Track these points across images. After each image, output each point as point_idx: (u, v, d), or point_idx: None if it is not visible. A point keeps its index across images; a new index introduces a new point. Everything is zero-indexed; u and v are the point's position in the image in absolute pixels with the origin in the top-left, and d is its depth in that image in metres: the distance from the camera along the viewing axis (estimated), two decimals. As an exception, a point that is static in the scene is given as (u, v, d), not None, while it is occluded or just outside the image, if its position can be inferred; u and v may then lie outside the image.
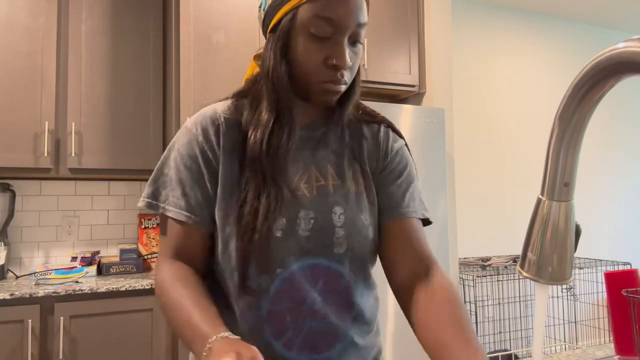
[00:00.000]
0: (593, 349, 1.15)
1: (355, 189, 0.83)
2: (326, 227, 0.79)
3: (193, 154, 0.79)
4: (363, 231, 0.82)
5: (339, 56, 0.75)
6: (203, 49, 2.27)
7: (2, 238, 2.32)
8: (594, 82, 0.51)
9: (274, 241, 0.76)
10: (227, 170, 0.79)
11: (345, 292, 0.81)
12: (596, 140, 4.25)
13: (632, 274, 1.06)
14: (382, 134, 0.90)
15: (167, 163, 0.82)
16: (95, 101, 2.38)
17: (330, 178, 0.82)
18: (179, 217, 0.78)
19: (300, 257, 0.78)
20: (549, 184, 0.57)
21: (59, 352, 1.97)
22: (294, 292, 0.77)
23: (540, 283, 0.59)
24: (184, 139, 0.81)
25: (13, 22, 2.25)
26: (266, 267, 0.77)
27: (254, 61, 0.87)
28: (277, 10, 0.77)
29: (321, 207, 0.80)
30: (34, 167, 2.24)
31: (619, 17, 4.13)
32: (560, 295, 3.65)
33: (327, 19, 0.73)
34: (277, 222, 0.76)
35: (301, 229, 0.78)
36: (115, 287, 2.07)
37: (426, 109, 2.51)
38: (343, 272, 0.81)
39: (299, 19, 0.75)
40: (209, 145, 0.80)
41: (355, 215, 0.81)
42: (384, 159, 0.88)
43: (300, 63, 0.76)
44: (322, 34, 0.74)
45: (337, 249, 0.80)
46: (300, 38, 0.75)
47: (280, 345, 0.78)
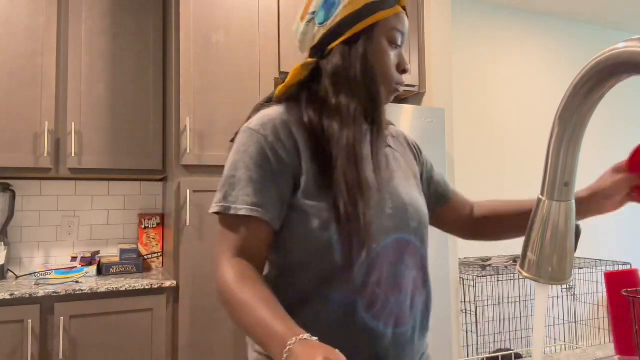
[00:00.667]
0: (593, 349, 1.15)
1: (404, 175, 0.97)
2: (401, 204, 0.90)
3: (264, 153, 0.84)
4: (423, 207, 0.95)
5: (405, 61, 0.94)
6: (203, 49, 2.27)
7: (2, 238, 2.32)
8: (594, 82, 0.51)
9: (368, 220, 0.84)
10: (310, 165, 0.85)
11: (421, 265, 0.93)
12: (596, 140, 4.25)
13: (632, 274, 1.06)
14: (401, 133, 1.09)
15: (235, 165, 0.86)
16: (95, 101, 2.38)
17: (389, 166, 0.95)
18: (251, 213, 0.81)
19: (389, 233, 0.87)
20: (549, 184, 0.57)
21: (59, 352, 1.97)
22: (385, 266, 0.85)
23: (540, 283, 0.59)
24: (251, 140, 0.86)
25: (13, 22, 2.25)
26: (364, 244, 0.83)
27: (301, 69, 0.92)
28: (354, 24, 0.89)
29: (391, 189, 0.91)
30: (34, 167, 2.24)
31: (619, 17, 4.13)
32: (560, 295, 3.64)
33: (401, 32, 0.91)
34: (369, 204, 0.85)
35: (384, 207, 0.87)
36: (115, 287, 2.07)
37: (426, 109, 2.51)
38: (418, 246, 0.92)
39: (380, 31, 0.90)
40: (281, 145, 0.85)
41: (416, 195, 0.95)
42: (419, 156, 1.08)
43: (382, 68, 0.90)
44: (398, 44, 0.91)
45: (412, 223, 0.90)
46: (380, 47, 0.90)
47: (370, 317, 0.84)
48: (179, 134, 2.21)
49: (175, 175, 2.21)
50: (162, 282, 2.14)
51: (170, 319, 2.18)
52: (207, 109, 2.26)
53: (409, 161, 1.02)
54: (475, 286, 3.25)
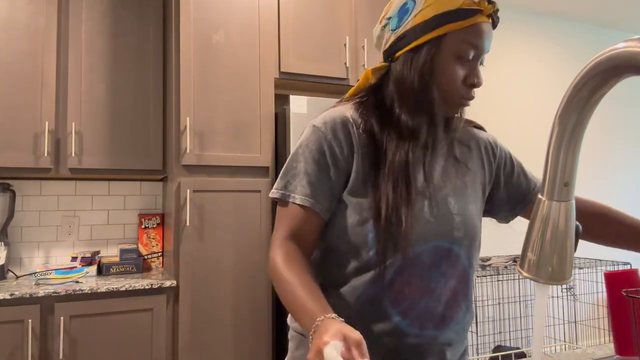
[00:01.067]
0: (593, 349, 1.15)
1: (461, 184, 0.96)
2: (446, 214, 0.91)
3: (321, 149, 0.90)
4: (474, 220, 0.95)
5: (478, 76, 0.90)
6: (203, 49, 2.27)
7: (2, 238, 2.32)
8: (594, 82, 0.51)
9: (406, 226, 0.87)
10: (362, 165, 0.90)
11: (462, 279, 0.93)
12: (596, 140, 4.25)
13: (632, 274, 1.06)
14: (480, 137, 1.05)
15: (296, 158, 0.92)
16: (95, 101, 2.38)
17: (443, 174, 0.95)
18: (304, 202, 0.88)
19: (427, 239, 0.89)
20: (549, 184, 0.57)
21: (59, 352, 1.97)
22: (419, 269, 0.88)
23: (540, 283, 0.59)
24: (313, 136, 0.91)
25: (13, 22, 2.25)
26: (399, 247, 0.86)
27: (371, 73, 0.95)
28: (423, 34, 0.88)
29: (438, 198, 0.92)
30: (34, 167, 2.24)
31: (619, 17, 4.13)
32: (560, 295, 3.64)
33: (474, 45, 0.87)
34: (410, 209, 0.87)
35: (427, 214, 0.89)
36: (115, 287, 2.07)
37: (426, 109, 2.51)
38: (461, 256, 0.92)
39: (447, 42, 0.87)
40: (337, 143, 0.90)
41: (466, 205, 0.94)
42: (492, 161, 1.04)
43: (445, 80, 0.89)
44: (467, 57, 0.88)
45: (456, 233, 0.91)
46: (447, 59, 0.88)
47: (396, 313, 0.88)
48: (179, 134, 2.21)
49: (175, 175, 2.21)
50: (162, 282, 2.14)
51: (170, 319, 2.18)
52: (207, 109, 2.26)
53: (474, 171, 1.01)
54: (475, 286, 3.25)
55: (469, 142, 1.04)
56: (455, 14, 0.86)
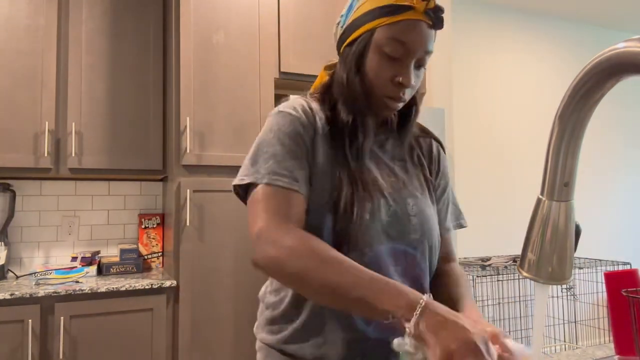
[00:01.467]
0: (593, 349, 1.15)
1: (420, 188, 0.95)
2: (403, 214, 0.89)
3: (298, 131, 0.86)
4: (432, 222, 0.94)
5: (405, 75, 0.86)
6: (203, 49, 2.27)
7: (2, 238, 2.32)
8: (594, 82, 0.51)
9: (364, 223, 0.84)
10: (323, 154, 0.88)
11: (418, 279, 0.90)
12: (596, 140, 4.25)
13: (632, 274, 1.06)
14: (435, 149, 1.04)
15: (267, 142, 0.86)
16: (95, 101, 2.37)
17: (399, 175, 0.94)
18: (290, 185, 0.82)
19: (383, 240, 0.86)
20: (549, 184, 0.57)
21: (59, 352, 1.97)
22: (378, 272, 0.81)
23: (540, 283, 0.59)
24: (285, 120, 0.87)
25: (13, 22, 2.25)
26: (355, 247, 0.83)
27: (324, 71, 0.98)
28: (357, 28, 0.88)
29: (397, 197, 0.90)
30: (34, 167, 2.24)
31: (619, 17, 4.13)
32: (560, 295, 3.64)
33: (401, 42, 0.84)
34: (366, 207, 0.85)
35: (383, 214, 0.87)
36: (115, 287, 2.07)
37: (426, 109, 2.51)
38: (417, 258, 0.90)
39: (375, 37, 0.85)
40: (310, 127, 0.88)
41: (424, 208, 0.93)
42: (437, 175, 1.03)
43: (370, 76, 0.87)
44: (394, 54, 0.85)
45: (413, 234, 0.89)
46: (374, 55, 0.86)
47: (361, 319, 0.84)
48: (179, 134, 2.21)
49: (175, 175, 2.21)
50: (162, 282, 2.14)
51: (170, 319, 2.18)
52: (207, 109, 2.26)
53: (426, 176, 1.00)
54: (475, 286, 3.25)
55: (425, 149, 1.03)
56: (386, 9, 0.84)
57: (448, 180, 1.05)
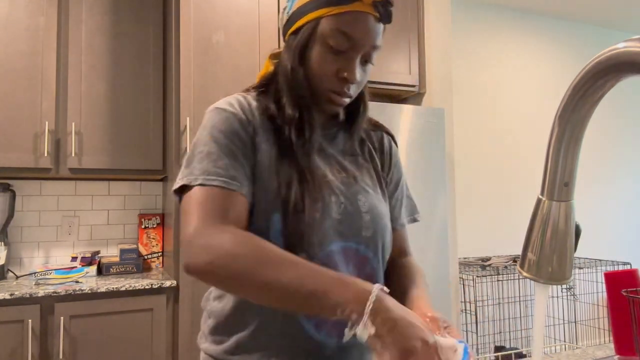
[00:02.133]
0: (593, 349, 1.15)
1: (371, 182, 0.91)
2: (354, 211, 0.85)
3: (234, 128, 0.81)
4: (384, 219, 0.90)
5: (350, 70, 0.81)
6: (203, 49, 2.27)
7: (2, 238, 2.32)
8: (594, 82, 0.51)
9: (314, 222, 0.80)
10: (266, 152, 0.82)
11: (370, 278, 0.85)
12: (596, 140, 4.25)
13: (632, 274, 1.06)
14: (386, 142, 1.00)
15: (201, 141, 0.81)
16: (95, 101, 2.37)
17: (349, 171, 0.89)
18: (226, 185, 0.76)
19: (334, 239, 0.82)
20: (549, 184, 0.57)
21: (59, 352, 1.97)
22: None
23: (540, 283, 0.59)
24: (220, 117, 0.82)
25: (13, 22, 2.25)
26: (306, 247, 0.79)
27: (269, 60, 0.91)
28: (301, 16, 0.83)
29: (348, 194, 0.86)
30: (34, 167, 2.23)
31: (619, 17, 4.13)
32: (560, 295, 3.64)
33: (346, 35, 0.79)
34: (315, 205, 0.81)
35: (334, 212, 0.83)
36: (115, 287, 2.07)
37: (426, 109, 2.51)
38: (369, 257, 0.86)
39: (320, 28, 0.81)
40: (249, 122, 0.83)
41: (376, 204, 0.89)
42: (389, 169, 0.98)
43: (313, 69, 0.82)
44: (339, 48, 0.80)
45: (365, 232, 0.85)
46: (318, 46, 0.81)
47: (312, 325, 0.80)
48: (179, 134, 2.21)
49: (175, 175, 2.21)
50: (162, 282, 2.14)
51: (170, 319, 2.18)
52: (207, 109, 2.25)
53: (377, 170, 0.95)
54: (475, 286, 3.25)
55: (376, 143, 0.99)
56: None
57: (401, 174, 1.01)
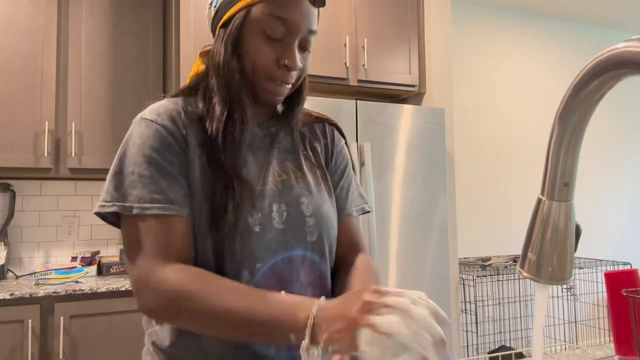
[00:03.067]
0: (593, 349, 1.15)
1: (314, 181, 0.86)
2: (298, 217, 0.80)
3: (165, 143, 0.75)
4: (329, 219, 0.85)
5: (290, 57, 0.77)
6: (203, 49, 2.27)
7: (2, 238, 2.32)
8: (594, 82, 0.51)
9: (252, 236, 0.75)
10: (195, 162, 0.76)
11: (320, 282, 0.83)
12: (596, 140, 4.25)
13: (632, 274, 1.06)
14: (329, 132, 0.94)
15: (131, 160, 0.74)
16: (95, 101, 2.37)
17: (290, 172, 0.84)
18: (164, 211, 0.71)
19: (277, 250, 0.78)
20: (549, 184, 0.57)
21: (59, 352, 1.97)
22: (274, 286, 0.76)
23: (540, 283, 0.59)
24: (149, 130, 0.75)
25: (13, 22, 2.25)
26: (246, 263, 0.75)
27: (199, 58, 0.86)
28: (230, 7, 0.77)
29: (289, 199, 0.81)
30: (34, 167, 2.23)
31: (619, 17, 4.13)
32: (560, 295, 3.64)
33: (281, 19, 0.75)
34: (254, 217, 0.76)
35: (276, 221, 0.78)
36: (115, 287, 2.07)
37: (426, 109, 2.51)
38: (317, 261, 0.82)
39: (252, 16, 0.76)
40: (180, 135, 0.76)
41: (320, 205, 0.84)
42: (332, 159, 0.93)
43: (250, 60, 0.77)
44: (275, 35, 0.76)
45: (310, 237, 0.81)
46: (252, 36, 0.76)
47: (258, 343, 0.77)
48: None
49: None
50: (162, 282, 2.14)
51: (170, 319, 2.18)
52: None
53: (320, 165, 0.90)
54: (475, 286, 3.25)
55: (319, 134, 0.93)
56: None
57: (347, 163, 0.94)
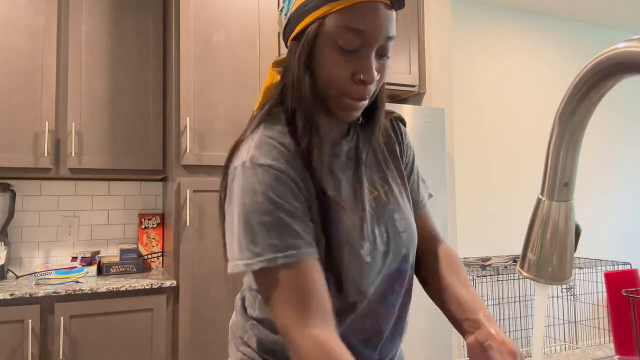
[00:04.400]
0: (593, 349, 1.15)
1: (399, 190, 0.86)
2: (395, 236, 0.81)
3: (288, 186, 0.71)
4: (414, 228, 0.86)
5: (367, 71, 0.71)
6: (203, 49, 2.27)
7: (2, 238, 2.32)
8: (594, 82, 0.51)
9: (367, 267, 0.77)
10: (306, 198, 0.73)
11: (409, 290, 0.86)
12: (596, 140, 4.25)
13: (632, 274, 1.06)
14: (397, 128, 0.91)
15: (257, 210, 0.69)
16: (95, 101, 2.37)
17: (379, 187, 0.83)
18: (302, 256, 0.68)
19: (382, 270, 0.80)
20: (549, 184, 0.57)
21: (59, 352, 1.97)
22: (378, 307, 0.80)
23: (540, 283, 0.59)
24: (268, 176, 0.70)
25: (13, 22, 2.25)
26: (360, 289, 0.77)
27: (272, 68, 0.80)
28: (302, 18, 0.72)
29: (385, 217, 0.81)
30: (34, 167, 2.24)
31: (619, 17, 4.13)
32: (560, 295, 3.64)
33: (356, 31, 0.69)
34: (365, 248, 0.76)
35: (379, 244, 0.79)
36: (115, 287, 2.07)
37: (426, 109, 2.51)
38: (407, 270, 0.85)
39: (325, 29, 0.70)
40: (295, 176, 0.72)
41: (409, 217, 0.85)
42: (404, 154, 0.91)
43: (324, 75, 0.72)
44: (350, 47, 0.70)
45: (404, 250, 0.83)
46: (326, 49, 0.71)
47: (364, 347, 0.80)
48: (179, 134, 2.21)
49: (175, 175, 2.21)
50: (162, 282, 2.14)
51: (170, 319, 2.18)
52: (207, 109, 2.26)
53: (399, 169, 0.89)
54: (475, 286, 3.25)
55: (391, 136, 0.90)
56: None
57: (413, 153, 0.93)
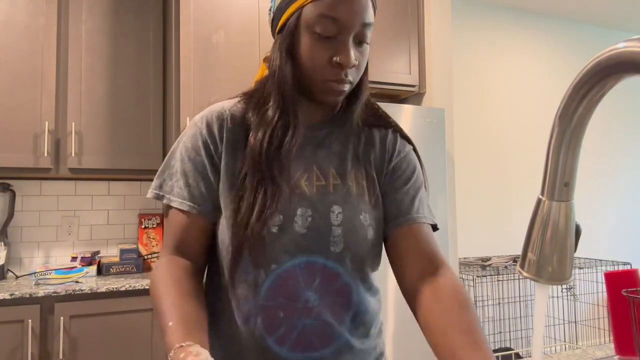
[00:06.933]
0: (593, 349, 1.15)
1: (356, 190, 0.84)
2: (323, 225, 0.80)
3: (196, 146, 0.82)
4: (361, 231, 0.82)
5: (344, 55, 0.75)
6: (203, 49, 2.27)
7: (2, 238, 2.32)
8: (594, 82, 0.51)
9: (269, 237, 0.77)
10: (229, 164, 0.82)
11: (342, 292, 0.81)
12: (597, 140, 4.25)
13: (632, 274, 1.06)
14: (390, 138, 0.91)
15: (174, 155, 0.85)
16: (95, 101, 2.37)
17: (331, 177, 0.83)
18: (182, 206, 0.80)
19: (295, 254, 0.78)
20: (549, 184, 0.57)
21: (59, 352, 1.97)
22: (289, 289, 0.78)
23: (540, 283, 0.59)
24: (190, 132, 0.84)
25: (13, 22, 2.25)
26: (261, 262, 0.78)
27: (264, 63, 0.88)
28: (283, 11, 0.79)
29: (320, 205, 0.80)
30: (34, 167, 2.24)
31: (619, 17, 4.13)
32: (560, 295, 3.64)
33: (332, 19, 0.74)
34: (274, 219, 0.78)
35: (298, 225, 0.79)
36: (115, 287, 2.07)
37: (426, 109, 2.51)
38: (340, 272, 0.81)
39: (303, 18, 0.76)
40: (212, 139, 0.82)
41: (353, 215, 0.81)
42: (389, 162, 0.88)
43: (305, 62, 0.78)
44: (327, 34, 0.75)
45: (333, 247, 0.80)
46: (305, 37, 0.77)
47: (273, 341, 0.78)
48: (179, 134, 2.20)
49: (175, 175, 2.21)
50: (162, 282, 2.14)
51: (170, 319, 2.18)
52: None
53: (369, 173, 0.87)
54: (475, 286, 3.25)
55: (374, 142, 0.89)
56: None
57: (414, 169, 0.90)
